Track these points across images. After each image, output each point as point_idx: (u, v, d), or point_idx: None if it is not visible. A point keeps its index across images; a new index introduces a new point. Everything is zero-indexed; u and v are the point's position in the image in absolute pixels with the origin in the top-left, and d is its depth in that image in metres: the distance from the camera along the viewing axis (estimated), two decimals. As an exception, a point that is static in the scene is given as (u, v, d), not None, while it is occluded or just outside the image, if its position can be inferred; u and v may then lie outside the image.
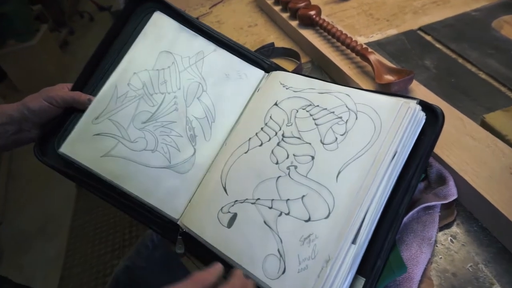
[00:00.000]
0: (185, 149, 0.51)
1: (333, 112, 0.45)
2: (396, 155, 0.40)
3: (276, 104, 0.49)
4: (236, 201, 0.45)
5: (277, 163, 0.45)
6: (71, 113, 0.52)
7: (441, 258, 0.43)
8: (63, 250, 1.56)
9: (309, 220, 0.40)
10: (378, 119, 0.42)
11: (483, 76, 0.66)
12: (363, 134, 0.42)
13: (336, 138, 0.43)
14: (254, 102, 0.53)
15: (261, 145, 0.47)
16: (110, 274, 1.42)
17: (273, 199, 0.43)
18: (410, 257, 0.41)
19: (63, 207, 1.74)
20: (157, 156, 0.50)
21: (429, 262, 0.42)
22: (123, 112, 0.52)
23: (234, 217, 0.44)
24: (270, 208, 0.42)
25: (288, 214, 0.41)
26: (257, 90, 0.54)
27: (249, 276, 0.41)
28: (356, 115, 0.43)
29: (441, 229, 0.45)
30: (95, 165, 0.50)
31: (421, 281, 0.40)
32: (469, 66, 0.68)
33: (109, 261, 1.48)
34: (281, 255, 0.39)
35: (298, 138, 0.45)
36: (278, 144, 0.46)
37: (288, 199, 0.42)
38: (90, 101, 0.52)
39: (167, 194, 0.49)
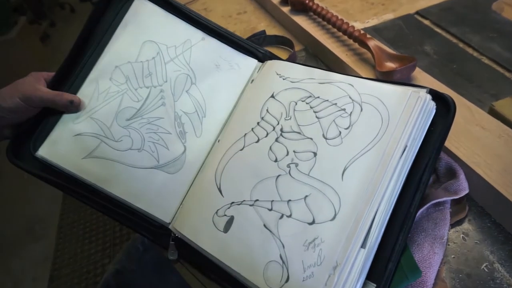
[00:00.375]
0: (175, 147, 0.47)
1: (335, 104, 0.41)
2: (406, 149, 0.37)
3: (272, 96, 0.46)
4: (233, 203, 0.41)
5: (276, 160, 0.41)
6: (48, 112, 0.47)
7: (454, 257, 0.40)
8: (52, 250, 1.51)
9: (313, 222, 0.37)
10: (386, 111, 0.38)
11: (486, 61, 0.63)
12: (370, 127, 0.38)
13: (340, 132, 0.39)
14: (248, 95, 0.49)
15: (257, 141, 0.43)
16: (101, 274, 1.38)
17: (273, 200, 0.39)
18: (422, 258, 0.38)
19: (50, 206, 1.68)
20: (144, 155, 0.46)
21: (442, 262, 0.39)
22: (106, 109, 0.48)
23: (231, 220, 0.40)
24: (270, 210, 0.39)
25: (290, 216, 0.38)
26: (250, 81, 0.50)
27: (249, 285, 0.37)
28: (361, 106, 0.40)
29: (452, 226, 0.42)
30: (77, 167, 0.46)
31: (434, 284, 0.37)
32: (470, 51, 0.65)
33: (99, 261, 1.43)
34: (283, 262, 0.36)
35: (298, 133, 0.42)
36: (276, 140, 0.42)
37: (290, 200, 0.38)
38: (73, 104, 0.46)
39: (156, 197, 0.45)
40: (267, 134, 0.43)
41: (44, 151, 0.46)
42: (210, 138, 0.48)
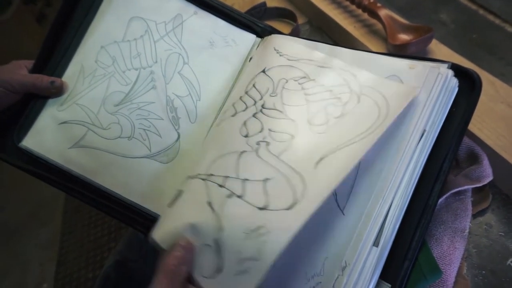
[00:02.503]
0: (168, 134, 0.44)
1: (330, 91, 0.36)
2: (425, 134, 0.32)
3: (263, 71, 0.41)
4: (188, 176, 0.36)
5: (246, 136, 0.36)
6: (31, 99, 0.44)
7: (476, 251, 0.36)
8: (58, 235, 1.52)
9: (264, 208, 0.31)
10: (385, 105, 0.33)
11: (510, 29, 0.57)
12: (363, 119, 0.33)
13: (328, 121, 0.34)
14: (246, 75, 0.44)
15: (234, 115, 0.39)
16: (108, 257, 1.38)
17: (227, 176, 0.34)
18: (442, 255, 0.34)
19: (54, 191, 1.67)
20: (135, 144, 0.43)
21: (463, 257, 0.36)
22: (92, 94, 0.44)
23: (178, 195, 0.35)
24: (221, 186, 0.33)
25: (240, 197, 0.32)
26: (249, 60, 0.46)
27: None
28: (358, 98, 0.35)
29: (473, 216, 0.38)
30: (63, 158, 0.42)
31: (454, 281, 0.34)
32: (492, 17, 0.59)
33: (106, 244, 1.43)
34: (218, 248, 0.30)
35: (280, 111, 0.37)
36: (254, 115, 0.37)
37: (246, 179, 0.33)
38: (53, 84, 0.43)
39: (149, 188, 0.42)
40: (246, 108, 0.38)
41: (29, 142, 0.43)
42: (206, 123, 0.44)
